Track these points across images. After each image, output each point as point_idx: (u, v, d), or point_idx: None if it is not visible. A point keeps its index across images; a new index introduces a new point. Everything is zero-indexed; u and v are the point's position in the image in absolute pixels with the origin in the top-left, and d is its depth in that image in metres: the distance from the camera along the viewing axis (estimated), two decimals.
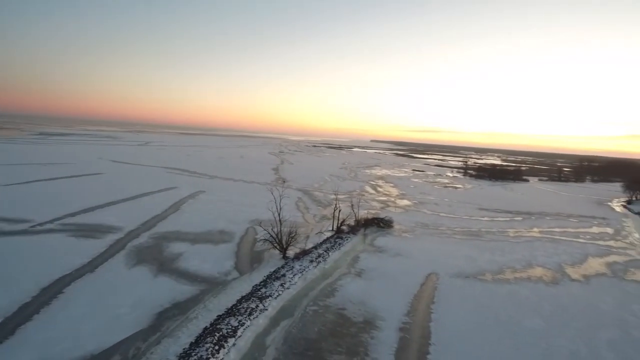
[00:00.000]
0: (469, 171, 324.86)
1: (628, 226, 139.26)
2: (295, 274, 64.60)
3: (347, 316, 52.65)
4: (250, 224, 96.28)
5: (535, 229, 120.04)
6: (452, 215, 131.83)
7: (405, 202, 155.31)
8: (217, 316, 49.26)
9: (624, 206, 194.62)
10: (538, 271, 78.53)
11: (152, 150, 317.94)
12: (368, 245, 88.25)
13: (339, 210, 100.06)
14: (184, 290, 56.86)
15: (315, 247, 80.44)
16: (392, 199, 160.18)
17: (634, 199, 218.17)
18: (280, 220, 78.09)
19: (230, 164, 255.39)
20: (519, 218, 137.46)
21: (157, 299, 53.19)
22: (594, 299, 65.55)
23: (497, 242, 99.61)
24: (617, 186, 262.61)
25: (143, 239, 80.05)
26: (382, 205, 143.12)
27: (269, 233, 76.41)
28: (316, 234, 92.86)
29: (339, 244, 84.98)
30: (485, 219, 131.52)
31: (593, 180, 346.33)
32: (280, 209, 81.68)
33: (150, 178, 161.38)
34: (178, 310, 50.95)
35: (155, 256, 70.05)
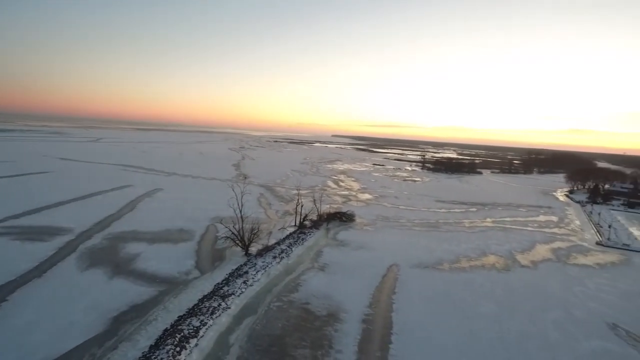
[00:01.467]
0: (427, 165, 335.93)
1: (570, 214, 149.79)
2: (258, 271, 64.08)
3: (311, 310, 52.98)
4: (211, 222, 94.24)
5: (489, 219, 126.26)
6: (411, 208, 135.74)
7: (366, 195, 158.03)
8: (178, 317, 47.93)
9: (567, 195, 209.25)
10: (491, 259, 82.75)
11: (104, 147, 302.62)
12: (331, 240, 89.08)
13: (302, 206, 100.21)
14: (142, 291, 54.80)
15: (278, 243, 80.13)
16: (354, 193, 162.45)
17: (575, 188, 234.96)
18: (242, 217, 77.03)
19: (190, 160, 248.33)
20: (474, 209, 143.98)
21: (113, 302, 50.91)
22: (541, 283, 70.08)
23: (454, 233, 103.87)
24: (560, 177, 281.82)
25: (96, 240, 76.21)
26: (344, 199, 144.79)
27: (230, 230, 75.18)
28: (279, 229, 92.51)
29: (302, 239, 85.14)
30: (443, 210, 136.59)
31: (539, 172, 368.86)
32: (242, 205, 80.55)
33: (103, 176, 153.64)
34: (136, 312, 49.06)
35: (111, 258, 66.94)
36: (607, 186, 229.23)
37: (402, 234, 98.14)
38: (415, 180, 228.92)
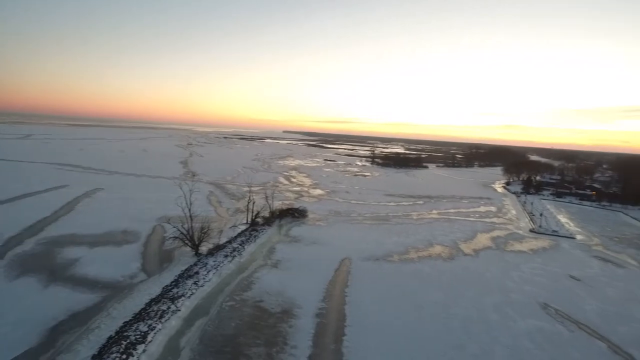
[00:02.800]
0: (377, 160, 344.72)
1: (507, 204, 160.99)
2: (210, 271, 62.48)
3: (265, 308, 52.60)
4: (157, 222, 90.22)
5: (435, 211, 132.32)
6: (362, 202, 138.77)
7: (318, 191, 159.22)
8: (124, 323, 45.53)
9: (504, 187, 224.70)
10: (437, 249, 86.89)
11: (35, 145, 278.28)
12: (283, 236, 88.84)
13: (253, 203, 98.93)
14: (82, 299, 51.35)
15: (229, 242, 78.57)
16: (306, 189, 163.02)
17: (511, 180, 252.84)
18: (191, 216, 74.54)
19: (132, 158, 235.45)
20: (421, 202, 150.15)
21: (48, 312, 47.20)
22: (482, 270, 74.76)
23: (403, 225, 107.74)
24: (498, 170, 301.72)
25: (28, 245, 70.16)
26: (296, 195, 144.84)
27: (179, 230, 72.49)
28: (230, 227, 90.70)
29: (254, 236, 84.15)
30: (392, 204, 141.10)
31: (480, 165, 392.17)
32: (191, 204, 77.93)
33: (34, 176, 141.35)
34: (76, 321, 45.90)
35: (45, 264, 61.96)
36: (538, 178, 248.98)
37: (354, 228, 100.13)
38: (365, 175, 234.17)
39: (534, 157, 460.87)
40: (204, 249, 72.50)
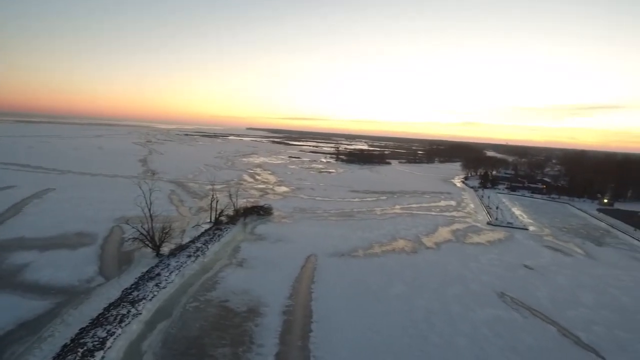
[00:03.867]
0: (341, 156, 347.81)
1: (466, 198, 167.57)
2: (172, 272, 60.73)
3: (230, 308, 51.83)
4: (115, 223, 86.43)
5: (397, 206, 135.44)
6: (327, 199, 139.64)
7: (283, 188, 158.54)
8: (80, 330, 43.36)
9: (463, 182, 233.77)
10: (401, 243, 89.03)
11: None
12: (248, 234, 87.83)
13: (217, 201, 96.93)
14: (33, 306, 48.35)
15: (192, 241, 76.69)
16: (271, 186, 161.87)
17: (469, 175, 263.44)
18: (151, 216, 72.03)
19: (87, 156, 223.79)
20: (384, 197, 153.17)
21: None
22: (443, 262, 77.43)
23: (367, 221, 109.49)
24: (457, 165, 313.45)
25: None
26: (261, 193, 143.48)
27: (138, 231, 69.84)
28: (193, 227, 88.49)
29: (218, 235, 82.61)
30: (356, 200, 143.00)
31: (440, 161, 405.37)
32: (151, 203, 75.28)
33: None
34: (26, 330, 43.19)
35: None
36: (494, 172, 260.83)
37: (319, 225, 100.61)
38: (330, 172, 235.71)
39: (490, 153, 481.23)
40: (165, 249, 70.33)
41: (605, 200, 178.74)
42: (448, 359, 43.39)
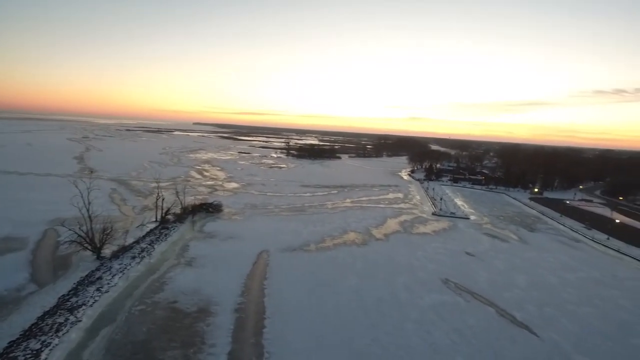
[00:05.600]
0: (292, 151, 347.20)
1: (412, 190, 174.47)
2: (115, 275, 57.54)
3: (179, 309, 50.14)
4: (49, 225, 79.98)
5: (348, 200, 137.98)
6: (278, 194, 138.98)
7: (233, 184, 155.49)
8: (9, 343, 39.81)
9: (409, 175, 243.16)
10: (351, 236, 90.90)
11: None
12: (197, 232, 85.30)
13: (163, 199, 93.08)
14: None
15: (137, 242, 73.10)
16: (220, 183, 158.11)
17: (415, 168, 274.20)
18: (90, 217, 67.58)
19: (13, 153, 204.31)
20: (335, 191, 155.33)
21: None
22: (392, 253, 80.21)
23: (318, 215, 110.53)
24: (404, 159, 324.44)
25: None
26: (210, 189, 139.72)
27: (76, 233, 65.17)
28: (137, 227, 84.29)
29: (165, 234, 79.44)
30: (308, 194, 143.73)
31: (388, 155, 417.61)
32: (89, 203, 70.58)
33: None
34: None
35: None
36: (438, 165, 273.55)
37: (271, 220, 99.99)
38: (281, 167, 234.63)
39: (434, 147, 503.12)
40: (107, 251, 66.43)
41: (536, 190, 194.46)
42: (398, 344, 45.15)
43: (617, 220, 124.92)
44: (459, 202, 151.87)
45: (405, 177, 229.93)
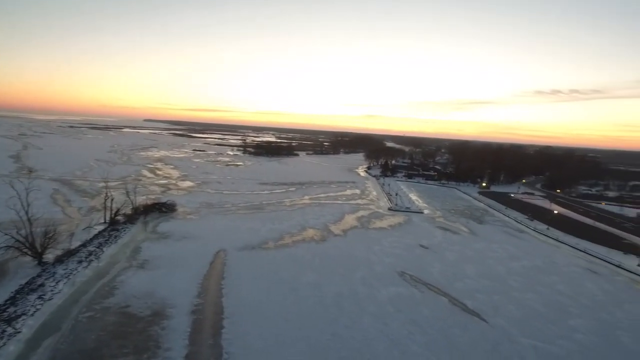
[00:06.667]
0: (249, 149, 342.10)
1: (369, 187, 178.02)
2: (59, 281, 53.95)
3: (132, 313, 47.90)
4: None
5: (306, 197, 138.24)
6: (235, 192, 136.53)
7: (188, 183, 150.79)
8: None
9: (366, 171, 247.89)
10: (310, 232, 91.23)
11: None
12: (150, 233, 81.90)
13: (112, 199, 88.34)
14: None
15: (84, 245, 68.96)
16: (174, 181, 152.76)
17: (372, 165, 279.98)
18: (29, 219, 62.79)
19: None
20: (293, 188, 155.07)
21: None
22: (350, 248, 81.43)
23: (277, 212, 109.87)
24: (360, 156, 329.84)
25: None
26: (163, 189, 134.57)
27: (13, 237, 60.20)
28: (84, 229, 79.45)
29: (115, 236, 75.58)
30: (266, 192, 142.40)
31: (345, 152, 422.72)
32: (28, 205, 65.52)
33: None
34: None
35: None
36: (393, 162, 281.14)
37: (228, 219, 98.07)
38: (237, 165, 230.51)
39: (390, 144, 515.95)
40: (50, 256, 62.05)
41: (484, 184, 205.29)
42: (356, 338, 45.96)
43: (556, 211, 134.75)
44: (413, 197, 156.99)
45: (362, 174, 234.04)
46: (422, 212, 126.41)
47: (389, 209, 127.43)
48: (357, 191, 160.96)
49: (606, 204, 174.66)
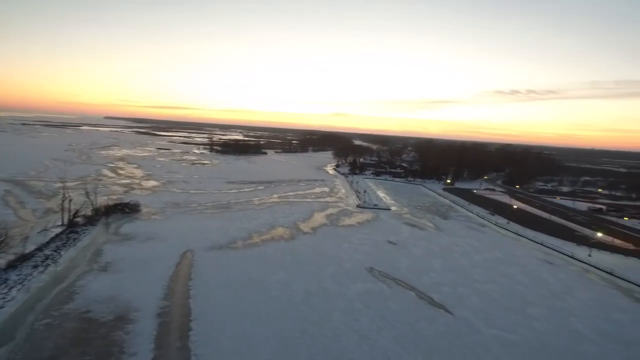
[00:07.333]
0: (215, 147, 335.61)
1: (338, 184, 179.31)
2: (12, 287, 50.93)
3: (93, 318, 45.93)
4: None
5: (275, 195, 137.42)
6: (202, 191, 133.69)
7: (152, 182, 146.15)
8: None
9: (335, 169, 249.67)
10: (279, 231, 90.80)
11: None
12: (112, 235, 78.78)
13: (70, 200, 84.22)
14: None
15: (39, 249, 65.38)
16: (137, 181, 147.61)
17: (340, 163, 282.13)
18: None
19: None
20: (262, 187, 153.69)
21: None
22: (320, 245, 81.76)
23: (245, 211, 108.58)
24: (329, 154, 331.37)
25: None
26: (126, 188, 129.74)
27: None
28: (39, 232, 75.28)
29: (74, 239, 72.18)
30: (234, 191, 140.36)
31: (314, 150, 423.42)
32: None
33: None
34: None
35: None
36: (361, 160, 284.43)
37: (194, 219, 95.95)
38: (204, 164, 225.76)
39: (358, 142, 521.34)
40: (1, 262, 58.40)
41: (448, 181, 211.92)
42: (325, 334, 46.25)
43: (515, 206, 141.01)
44: (381, 194, 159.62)
45: (331, 172, 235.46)
46: (389, 209, 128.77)
47: (358, 206, 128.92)
48: (326, 189, 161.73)
49: (560, 198, 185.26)
